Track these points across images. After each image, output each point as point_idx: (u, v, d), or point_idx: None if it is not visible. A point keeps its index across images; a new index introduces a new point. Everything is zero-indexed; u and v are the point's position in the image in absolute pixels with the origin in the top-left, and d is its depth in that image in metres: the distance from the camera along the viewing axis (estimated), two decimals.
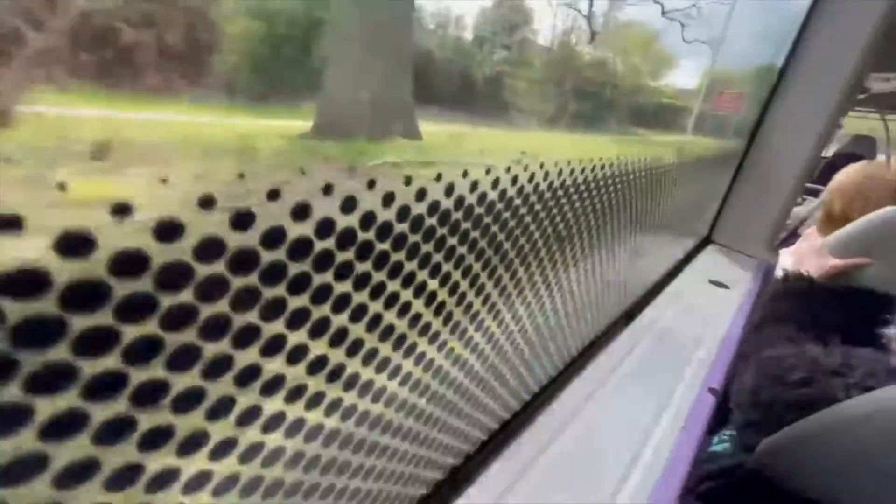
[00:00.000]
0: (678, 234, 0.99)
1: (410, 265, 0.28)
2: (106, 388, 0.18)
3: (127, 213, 0.15)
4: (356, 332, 0.27)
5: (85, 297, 0.16)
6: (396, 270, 0.28)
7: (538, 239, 0.43)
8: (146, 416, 0.19)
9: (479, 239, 0.33)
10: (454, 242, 0.31)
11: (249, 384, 0.23)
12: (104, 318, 0.16)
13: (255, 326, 0.21)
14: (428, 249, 0.29)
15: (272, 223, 0.20)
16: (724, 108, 1.03)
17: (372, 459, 0.35)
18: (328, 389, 0.27)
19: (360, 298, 0.26)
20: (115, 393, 0.18)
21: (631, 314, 0.87)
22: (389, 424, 0.35)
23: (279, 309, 0.22)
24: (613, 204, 0.57)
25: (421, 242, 0.28)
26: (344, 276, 0.24)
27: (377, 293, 0.27)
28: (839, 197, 1.29)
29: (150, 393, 0.19)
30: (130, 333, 0.17)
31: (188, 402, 0.20)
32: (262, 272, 0.20)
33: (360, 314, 0.27)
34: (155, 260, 0.17)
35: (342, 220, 0.22)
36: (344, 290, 0.25)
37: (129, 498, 0.20)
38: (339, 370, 0.27)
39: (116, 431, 0.19)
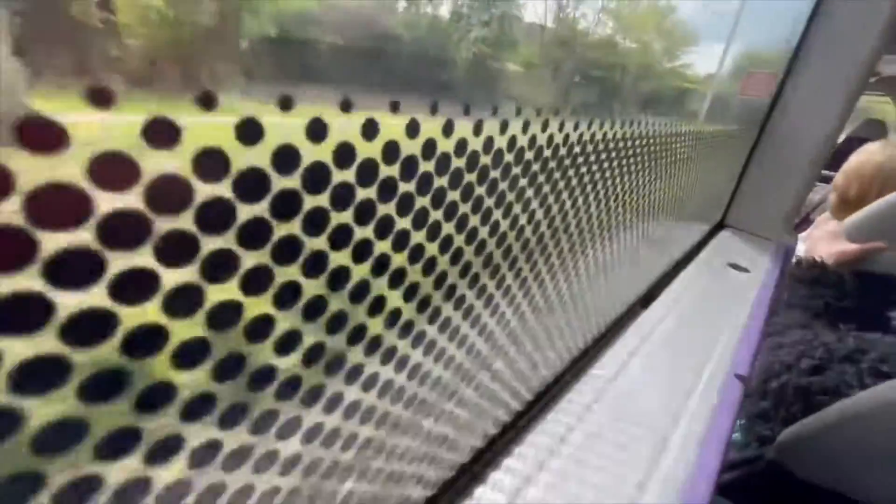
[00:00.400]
0: (692, 216, 0.94)
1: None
2: None
3: None
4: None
5: None
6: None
7: (555, 210, 0.38)
8: None
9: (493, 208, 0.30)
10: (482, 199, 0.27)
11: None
12: None
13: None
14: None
15: None
16: (752, 91, 0.95)
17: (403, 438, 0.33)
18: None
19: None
20: None
21: (648, 298, 0.81)
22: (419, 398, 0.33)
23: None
24: (628, 181, 0.52)
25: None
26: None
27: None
28: (856, 179, 1.24)
29: None
30: None
31: None
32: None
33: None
34: None
35: None
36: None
37: None
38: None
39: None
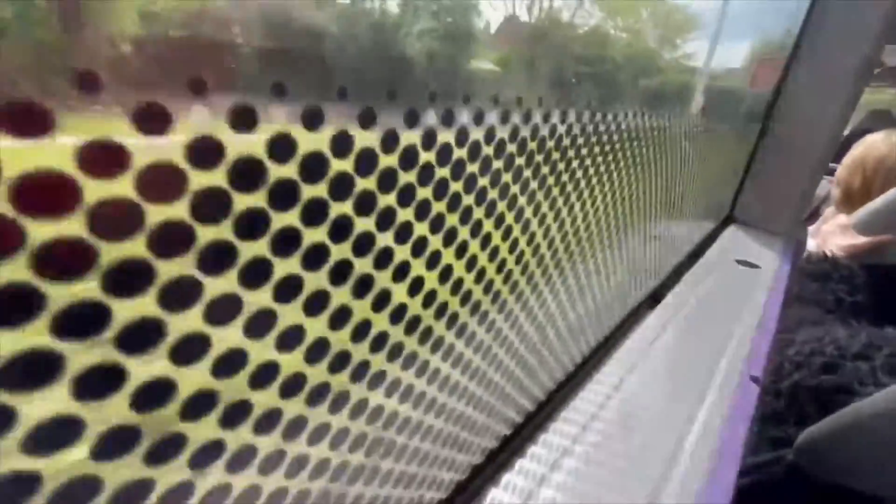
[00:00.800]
0: (698, 212, 0.91)
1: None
2: None
3: None
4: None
5: None
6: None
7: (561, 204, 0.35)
8: None
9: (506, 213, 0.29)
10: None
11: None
12: None
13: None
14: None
15: None
16: (764, 82, 0.89)
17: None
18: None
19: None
20: None
21: (655, 298, 0.78)
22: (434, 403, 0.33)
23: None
24: (633, 175, 0.49)
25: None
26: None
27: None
28: (858, 171, 1.20)
29: None
30: None
31: None
32: None
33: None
34: None
35: None
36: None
37: None
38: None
39: None
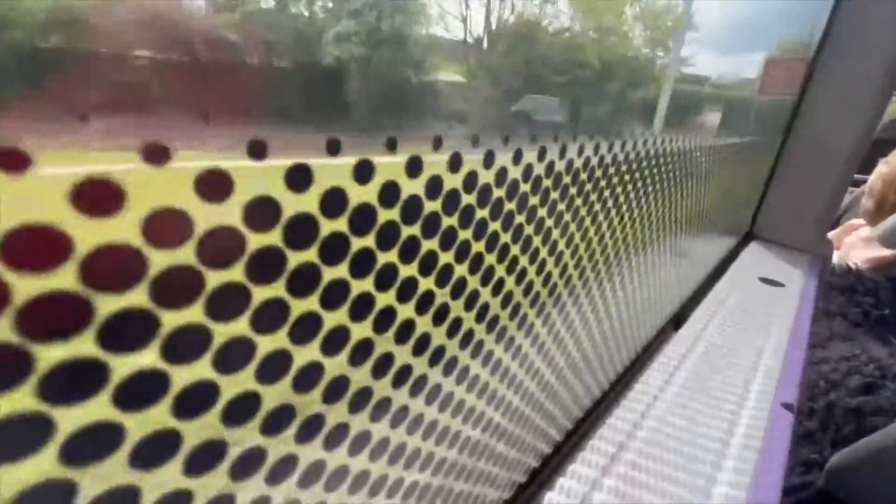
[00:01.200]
0: (717, 229, 0.88)
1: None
2: None
3: None
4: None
5: None
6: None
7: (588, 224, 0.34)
8: None
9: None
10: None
11: None
12: None
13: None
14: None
15: None
16: (775, 86, 0.83)
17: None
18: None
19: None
20: None
21: (679, 319, 0.76)
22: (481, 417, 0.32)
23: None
24: (652, 196, 0.47)
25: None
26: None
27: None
28: (892, 183, 1.17)
29: None
30: None
31: None
32: None
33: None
34: None
35: None
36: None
37: None
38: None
39: None
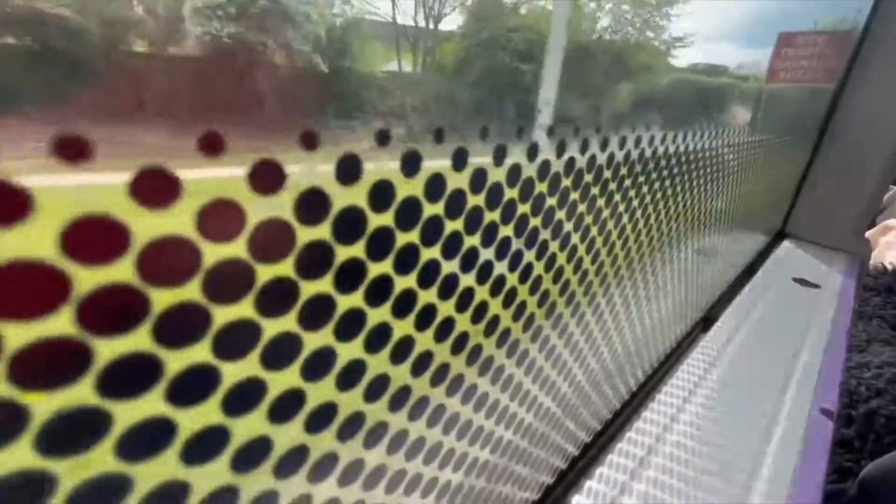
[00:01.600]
0: (749, 227, 0.85)
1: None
2: None
3: None
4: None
5: None
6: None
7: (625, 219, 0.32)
8: None
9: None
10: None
11: None
12: None
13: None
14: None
15: None
16: (789, 71, 0.71)
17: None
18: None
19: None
20: None
21: (708, 319, 0.73)
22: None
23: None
24: (680, 191, 0.45)
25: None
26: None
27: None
28: None
29: None
30: None
31: None
32: None
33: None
34: None
35: None
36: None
37: None
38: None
39: None
